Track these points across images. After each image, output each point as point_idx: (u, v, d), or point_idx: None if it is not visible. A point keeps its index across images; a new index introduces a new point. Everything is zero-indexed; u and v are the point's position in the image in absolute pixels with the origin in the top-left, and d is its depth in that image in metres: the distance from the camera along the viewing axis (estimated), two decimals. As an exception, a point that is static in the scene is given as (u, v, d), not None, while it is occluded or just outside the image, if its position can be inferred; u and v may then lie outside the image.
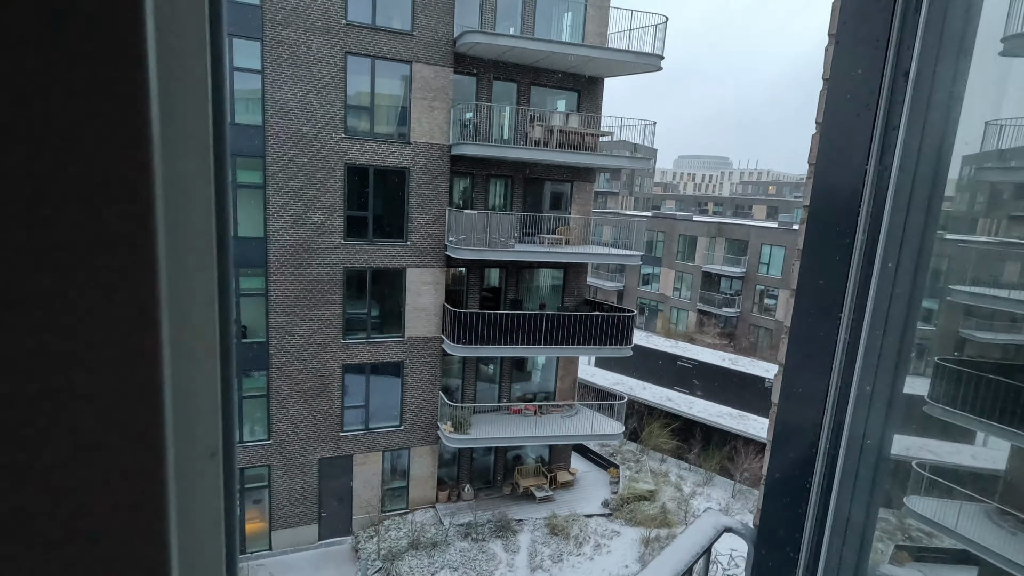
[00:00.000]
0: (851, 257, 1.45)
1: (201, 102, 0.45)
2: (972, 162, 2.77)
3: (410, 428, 17.18)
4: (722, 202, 69.53)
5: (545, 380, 19.47)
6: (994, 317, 3.51)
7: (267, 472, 15.89)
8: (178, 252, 0.42)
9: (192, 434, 0.45)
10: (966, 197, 3.04)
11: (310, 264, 15.28)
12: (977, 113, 1.78)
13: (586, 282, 19.06)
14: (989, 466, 3.42)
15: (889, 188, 1.36)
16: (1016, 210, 3.41)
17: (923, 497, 3.10)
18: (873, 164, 1.38)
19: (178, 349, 0.42)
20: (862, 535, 1.44)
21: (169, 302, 0.40)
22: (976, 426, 3.18)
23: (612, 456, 22.73)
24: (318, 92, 14.67)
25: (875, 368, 1.40)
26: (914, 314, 1.42)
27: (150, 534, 0.40)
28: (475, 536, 16.44)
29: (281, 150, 14.57)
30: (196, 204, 0.45)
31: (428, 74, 15.48)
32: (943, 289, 2.85)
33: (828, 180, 1.51)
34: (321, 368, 15.89)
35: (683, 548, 1.48)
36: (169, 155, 0.41)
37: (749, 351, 35.16)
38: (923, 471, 3.03)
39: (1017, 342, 3.56)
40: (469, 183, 17.01)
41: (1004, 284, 3.35)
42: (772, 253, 38.01)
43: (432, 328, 16.75)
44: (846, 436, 1.40)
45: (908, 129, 1.33)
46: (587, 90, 17.49)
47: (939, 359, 3.17)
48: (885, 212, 1.39)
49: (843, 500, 1.43)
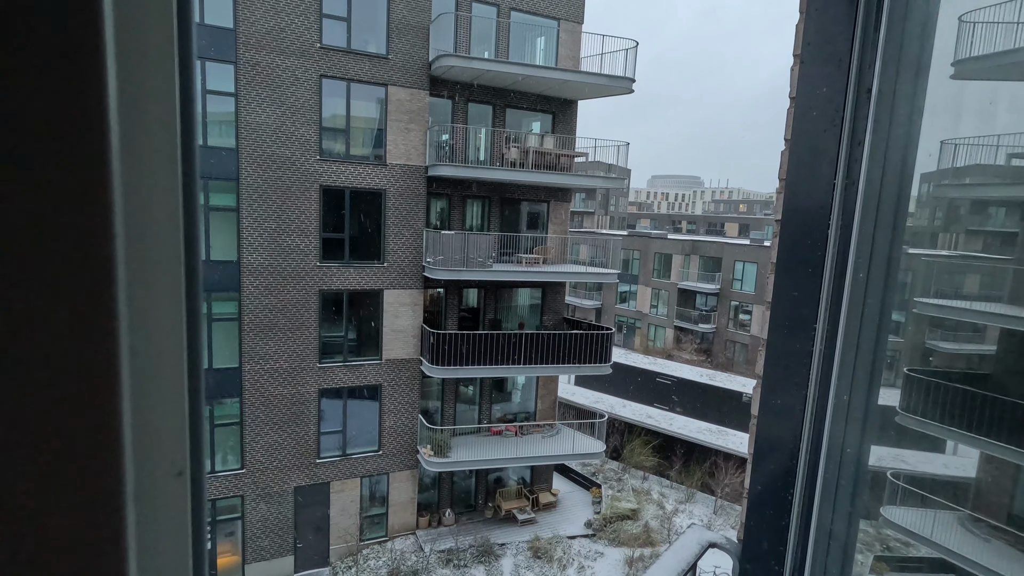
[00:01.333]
0: (823, 271, 1.48)
1: (168, 116, 0.43)
2: (931, 179, 2.88)
3: (389, 453, 16.84)
4: (695, 220, 70.99)
5: (525, 400, 19.35)
6: (958, 328, 3.62)
7: (240, 503, 15.34)
8: (140, 264, 0.40)
9: (155, 451, 0.42)
10: (927, 212, 3.16)
11: (285, 287, 15.03)
12: (935, 132, 1.85)
13: (564, 301, 19.14)
14: (960, 474, 3.48)
15: (857, 202, 1.39)
16: (972, 224, 3.54)
17: (899, 507, 3.13)
18: (840, 178, 1.42)
19: (140, 364, 0.40)
20: (844, 546, 1.45)
21: (129, 314, 0.38)
22: (946, 435, 3.25)
23: (594, 475, 22.59)
24: (293, 115, 14.62)
25: (850, 380, 1.42)
26: (885, 326, 1.45)
27: (105, 563, 0.36)
28: (457, 562, 16.07)
29: (255, 173, 14.43)
30: (161, 218, 0.43)
31: (404, 96, 15.59)
32: (909, 302, 2.93)
33: (798, 195, 1.54)
34: (296, 393, 15.53)
35: (669, 565, 1.47)
36: (132, 168, 0.39)
37: (726, 366, 35.60)
38: (898, 481, 3.07)
39: (981, 351, 3.67)
40: (446, 204, 17.05)
41: (965, 296, 3.46)
42: (745, 269, 38.82)
43: (410, 350, 16.56)
44: (825, 448, 1.41)
45: (873, 143, 1.38)
46: (561, 112, 17.80)
47: (908, 370, 3.25)
48: (854, 225, 1.42)
49: (825, 512, 1.43)
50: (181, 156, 0.45)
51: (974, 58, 2.34)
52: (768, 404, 1.59)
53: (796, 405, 1.50)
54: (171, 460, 0.43)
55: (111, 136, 0.36)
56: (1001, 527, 3.03)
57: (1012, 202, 3.31)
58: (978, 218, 3.53)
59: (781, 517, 1.51)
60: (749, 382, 27.03)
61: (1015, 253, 3.28)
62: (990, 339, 3.62)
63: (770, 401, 1.59)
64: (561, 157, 16.91)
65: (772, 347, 1.60)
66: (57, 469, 0.35)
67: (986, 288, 3.43)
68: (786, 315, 1.53)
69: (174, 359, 0.44)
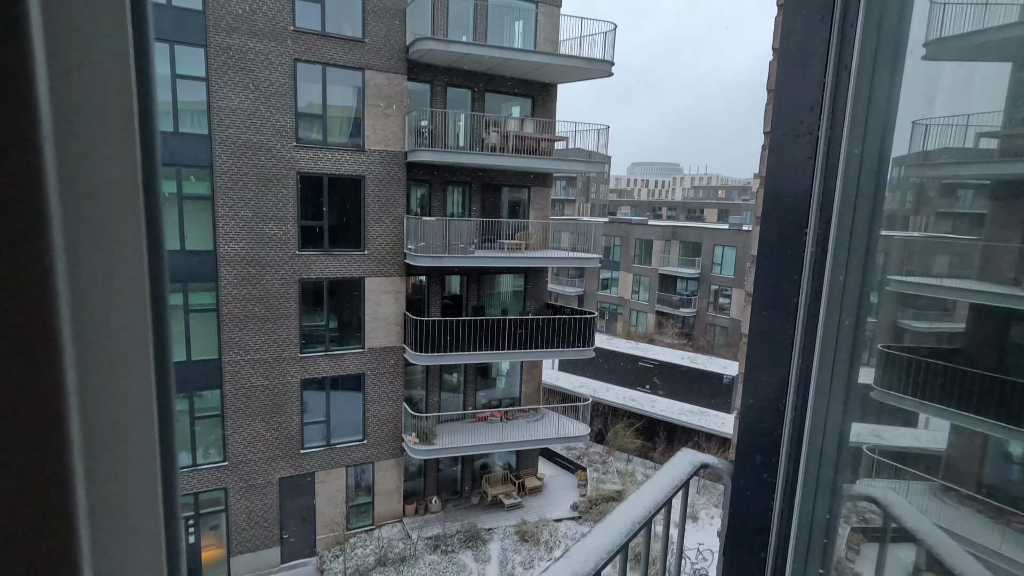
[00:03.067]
0: (803, 253, 1.51)
1: (123, 98, 0.39)
2: (902, 162, 2.94)
3: (374, 442, 16.83)
4: (675, 206, 71.55)
5: (510, 386, 19.46)
6: (929, 306, 3.74)
7: (223, 495, 15.22)
8: (90, 257, 0.37)
9: (114, 452, 0.39)
10: (899, 196, 3.23)
11: (263, 277, 14.80)
12: (908, 115, 1.89)
13: (547, 287, 19.20)
14: (932, 446, 3.62)
15: (836, 187, 1.42)
16: (942, 207, 3.63)
17: (874, 479, 3.23)
18: (820, 165, 1.44)
19: (92, 361, 0.37)
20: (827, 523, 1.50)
21: (73, 311, 0.35)
22: (917, 408, 3.37)
23: (579, 459, 22.90)
24: (267, 100, 14.28)
25: (832, 360, 1.45)
26: (865, 307, 1.49)
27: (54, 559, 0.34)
28: (444, 548, 16.21)
29: (229, 160, 14.10)
30: (117, 208, 0.39)
31: (381, 81, 15.32)
32: (884, 281, 3.01)
33: (779, 181, 1.56)
34: (278, 384, 15.38)
35: (661, 483, 1.52)
36: (69, 152, 0.36)
37: (707, 349, 36.20)
38: (873, 455, 3.18)
39: (951, 329, 3.79)
40: (426, 191, 16.89)
41: (936, 275, 3.57)
42: (724, 254, 39.33)
43: (393, 338, 16.49)
44: (809, 422, 1.45)
45: (851, 129, 1.40)
46: (541, 96, 17.69)
47: (882, 346, 3.35)
48: (834, 209, 1.45)
49: (809, 484, 1.48)
50: (140, 140, 0.41)
51: (944, 39, 2.38)
52: (752, 381, 1.63)
53: (779, 385, 1.53)
54: (136, 461, 0.41)
55: (40, 115, 0.33)
56: (970, 495, 3.16)
57: (980, 183, 3.41)
58: (947, 200, 3.63)
59: (772, 433, 1.55)
60: (729, 364, 27.55)
61: (983, 233, 3.38)
62: (959, 317, 3.75)
63: (754, 379, 1.62)
64: (541, 142, 16.85)
65: (755, 329, 1.63)
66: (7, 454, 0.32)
67: (955, 267, 3.55)
68: (768, 298, 1.56)
69: (137, 354, 0.41)
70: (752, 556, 1.58)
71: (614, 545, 1.23)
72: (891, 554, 1.80)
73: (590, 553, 1.17)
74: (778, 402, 1.50)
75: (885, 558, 1.79)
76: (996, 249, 3.15)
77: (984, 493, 3.28)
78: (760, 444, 1.54)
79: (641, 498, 1.43)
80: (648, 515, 1.38)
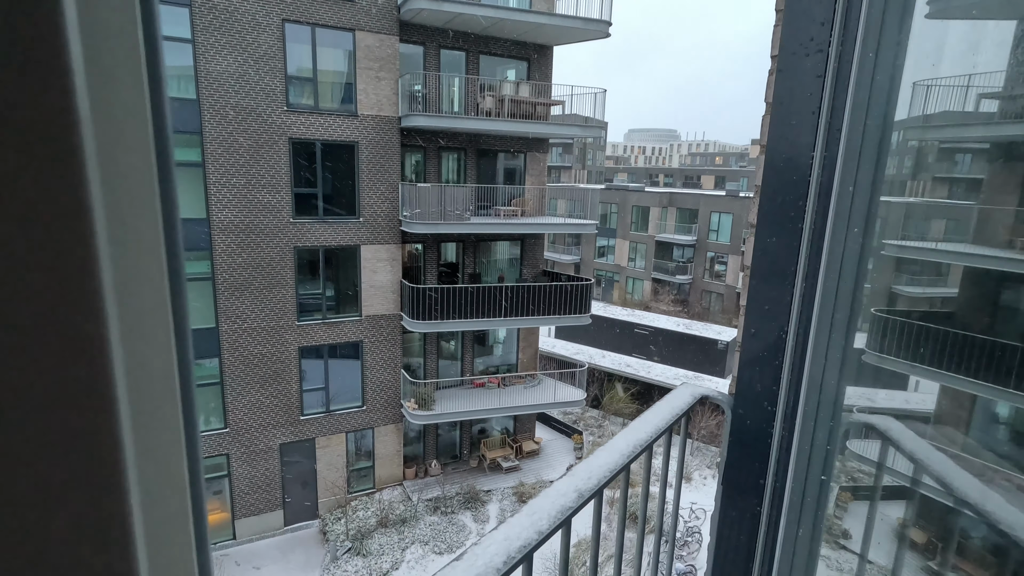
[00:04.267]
0: (803, 219, 1.51)
1: (134, 71, 0.38)
2: (906, 125, 2.91)
3: (373, 408, 17.07)
4: (672, 173, 70.90)
5: (507, 353, 19.65)
6: (923, 271, 3.77)
7: (226, 461, 15.51)
8: (120, 241, 0.37)
9: (152, 444, 0.40)
10: (901, 159, 3.21)
11: (258, 244, 14.71)
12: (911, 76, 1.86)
13: (543, 255, 19.18)
14: (920, 408, 3.71)
15: (839, 154, 1.41)
16: (940, 171, 3.62)
17: (864, 440, 3.32)
18: (822, 130, 1.43)
19: (129, 337, 0.37)
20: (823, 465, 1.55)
21: (115, 290, 0.35)
22: (908, 370, 3.44)
23: (575, 423, 23.34)
24: (256, 63, 13.90)
25: (829, 324, 1.47)
26: (863, 273, 1.50)
27: (113, 561, 0.35)
28: (444, 510, 16.66)
29: (219, 125, 13.81)
30: (137, 185, 0.39)
31: (372, 43, 14.90)
32: (880, 246, 3.02)
33: (780, 149, 1.55)
34: (276, 352, 15.48)
35: (662, 411, 1.57)
36: (103, 134, 0.35)
37: (702, 315, 36.50)
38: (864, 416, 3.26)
39: (943, 294, 3.83)
40: (421, 157, 16.66)
41: (931, 239, 3.59)
42: (721, 220, 39.22)
43: (390, 306, 16.54)
44: (805, 386, 1.48)
45: (855, 93, 1.38)
46: (537, 59, 17.28)
47: (876, 310, 3.39)
48: (836, 174, 1.44)
49: (803, 448, 1.52)
50: (152, 114, 0.40)
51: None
52: (749, 345, 1.65)
53: (781, 315, 1.56)
54: (167, 451, 0.41)
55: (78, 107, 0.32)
56: (957, 454, 3.26)
57: (979, 146, 3.39)
58: (946, 164, 3.61)
59: (774, 368, 1.60)
60: (724, 330, 27.84)
61: (979, 198, 3.38)
62: (952, 282, 3.79)
63: (751, 344, 1.65)
64: (537, 106, 16.54)
65: (753, 295, 1.64)
66: (57, 469, 0.33)
67: (950, 232, 3.56)
68: (768, 260, 1.57)
69: (162, 331, 0.42)
70: (751, 480, 1.64)
71: (616, 465, 1.27)
72: (887, 476, 1.88)
73: (593, 471, 1.21)
74: (780, 331, 1.53)
75: (882, 478, 1.87)
76: (992, 213, 3.16)
77: (970, 452, 3.38)
78: (761, 374, 1.58)
79: (643, 424, 1.47)
80: (649, 439, 1.43)
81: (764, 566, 1.65)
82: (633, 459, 1.36)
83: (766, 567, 1.64)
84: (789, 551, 1.58)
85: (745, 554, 1.69)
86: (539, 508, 1.06)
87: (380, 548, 15.12)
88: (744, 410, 1.65)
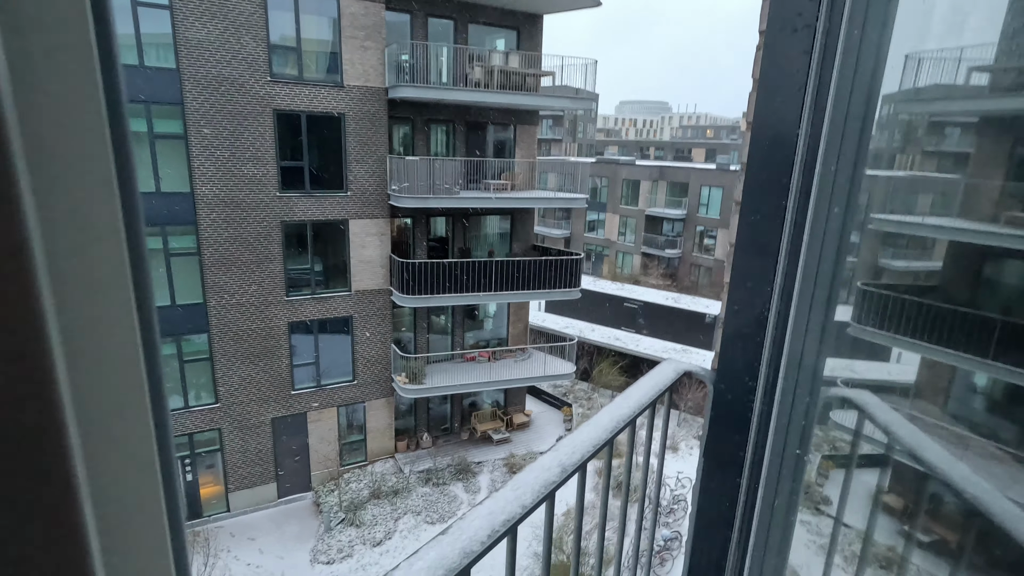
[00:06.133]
0: (787, 197, 1.50)
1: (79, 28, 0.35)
2: (893, 99, 2.89)
3: (364, 382, 17.15)
4: (663, 146, 70.45)
5: (497, 327, 19.73)
6: (909, 245, 3.81)
7: (218, 435, 15.58)
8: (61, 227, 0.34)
9: (109, 438, 0.37)
10: (888, 133, 3.21)
11: (244, 219, 14.50)
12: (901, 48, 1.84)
13: (533, 229, 19.11)
14: (902, 379, 3.79)
15: (823, 128, 1.40)
16: (929, 145, 3.62)
17: (846, 411, 3.39)
18: (806, 120, 1.41)
19: (75, 328, 0.35)
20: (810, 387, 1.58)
21: (57, 278, 0.32)
22: (892, 343, 3.50)
23: (565, 396, 23.64)
24: (236, 30, 13.47)
25: (811, 297, 1.48)
26: (845, 247, 1.51)
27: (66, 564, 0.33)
28: (436, 481, 16.94)
29: (200, 96, 13.44)
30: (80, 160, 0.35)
31: (357, 10, 14.47)
32: (867, 220, 3.04)
33: (767, 121, 1.53)
34: (265, 327, 15.43)
35: (646, 386, 1.61)
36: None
37: (691, 289, 36.78)
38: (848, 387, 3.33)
39: (928, 268, 3.88)
40: (409, 129, 16.38)
41: (918, 213, 3.61)
42: (711, 194, 39.20)
43: (380, 281, 16.47)
44: (785, 359, 1.50)
45: (842, 65, 1.36)
46: (526, 28, 16.91)
47: (861, 284, 3.43)
48: (820, 148, 1.43)
49: (782, 417, 1.55)
50: (104, 87, 0.36)
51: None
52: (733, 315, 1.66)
53: (758, 322, 1.57)
54: (133, 447, 0.39)
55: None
56: (936, 423, 3.34)
57: (968, 120, 3.38)
58: (934, 138, 3.61)
59: (754, 350, 1.62)
60: (713, 303, 28.12)
61: (967, 171, 3.40)
62: (937, 255, 3.83)
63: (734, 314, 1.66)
64: (527, 77, 16.25)
65: (737, 272, 1.65)
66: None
67: (937, 206, 3.58)
68: (751, 237, 1.57)
69: (122, 322, 0.38)
70: (731, 453, 1.68)
71: (599, 440, 1.29)
72: (866, 446, 1.95)
73: (576, 446, 1.23)
74: (762, 307, 1.54)
75: (858, 447, 1.93)
76: (980, 187, 3.17)
77: (948, 421, 3.47)
78: (743, 350, 1.60)
79: (626, 399, 1.50)
80: (632, 415, 1.45)
81: (742, 532, 1.70)
82: (617, 434, 1.38)
83: (744, 533, 1.69)
84: (766, 520, 1.63)
85: (725, 522, 1.73)
86: (523, 483, 1.07)
87: (373, 519, 15.39)
88: (726, 385, 1.67)
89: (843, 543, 2.04)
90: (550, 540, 1.20)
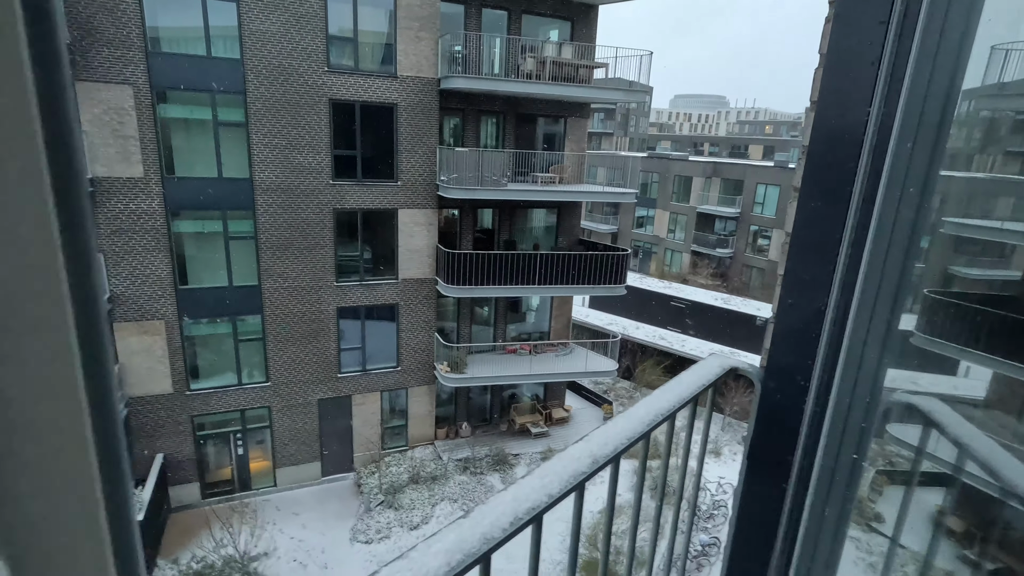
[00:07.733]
0: (853, 183, 1.40)
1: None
2: (973, 94, 2.66)
3: (407, 369, 17.50)
4: (718, 142, 68.13)
5: (539, 321, 19.69)
6: (983, 252, 3.52)
7: (267, 413, 16.28)
8: None
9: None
10: (965, 132, 2.96)
11: (299, 206, 15.01)
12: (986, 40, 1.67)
13: (580, 223, 18.92)
14: (970, 394, 3.52)
15: (898, 107, 1.29)
16: (1013, 145, 3.33)
17: (905, 424, 3.19)
18: (878, 99, 1.30)
19: None
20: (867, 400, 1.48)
21: None
22: (960, 355, 3.25)
23: (606, 393, 23.39)
24: (297, 22, 13.89)
25: (872, 306, 1.37)
26: (913, 252, 1.39)
27: None
28: (473, 470, 17.13)
29: (261, 85, 13.97)
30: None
31: (413, 1, 14.65)
32: (938, 224, 2.82)
33: (830, 113, 1.43)
34: (315, 311, 15.96)
35: (687, 380, 1.54)
36: None
37: (742, 291, 35.57)
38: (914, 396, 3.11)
39: (1005, 276, 3.59)
40: (459, 120, 16.49)
41: (996, 218, 3.33)
42: (767, 193, 37.69)
43: (426, 270, 16.72)
44: (840, 369, 1.41)
45: (919, 58, 1.24)
46: (581, 19, 16.67)
47: (928, 291, 3.20)
48: (889, 146, 1.32)
49: (833, 435, 1.46)
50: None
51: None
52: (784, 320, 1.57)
53: (813, 323, 1.48)
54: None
55: None
56: (1007, 444, 3.10)
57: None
58: (1019, 137, 3.31)
59: (809, 348, 1.54)
60: (764, 306, 27.10)
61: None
62: (1016, 264, 3.53)
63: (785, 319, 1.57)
64: (580, 68, 16.03)
65: (792, 264, 1.56)
66: None
67: (1019, 211, 3.29)
68: (811, 224, 1.47)
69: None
70: (779, 455, 1.59)
71: (634, 432, 1.23)
72: (927, 462, 1.80)
73: (609, 437, 1.18)
74: (820, 304, 1.45)
75: (920, 463, 1.79)
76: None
77: (1020, 441, 3.21)
78: (796, 347, 1.51)
79: (665, 393, 1.43)
80: (671, 409, 1.38)
81: (787, 542, 1.61)
82: (653, 427, 1.32)
83: (788, 543, 1.60)
84: (814, 530, 1.53)
85: (768, 529, 1.65)
86: (551, 471, 1.04)
87: (411, 503, 15.73)
88: (775, 384, 1.59)
89: (896, 564, 1.91)
90: (578, 532, 1.17)
